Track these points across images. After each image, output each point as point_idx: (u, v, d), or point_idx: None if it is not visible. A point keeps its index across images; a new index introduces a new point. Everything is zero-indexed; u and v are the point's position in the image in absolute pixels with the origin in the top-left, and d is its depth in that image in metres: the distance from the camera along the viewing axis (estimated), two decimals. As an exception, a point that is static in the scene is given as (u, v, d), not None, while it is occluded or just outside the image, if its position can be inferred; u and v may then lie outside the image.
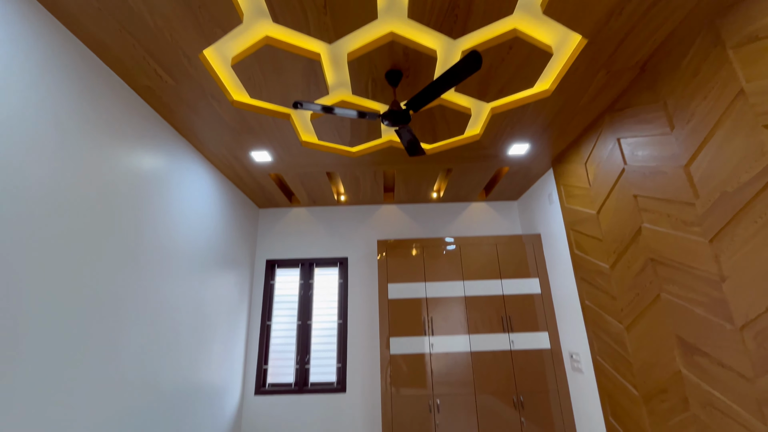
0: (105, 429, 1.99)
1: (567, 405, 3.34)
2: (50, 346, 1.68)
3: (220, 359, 3.40)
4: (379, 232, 4.50)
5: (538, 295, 3.68)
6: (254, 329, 4.13)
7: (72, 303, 1.80)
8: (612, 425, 2.73)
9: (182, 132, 2.78)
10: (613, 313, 2.68)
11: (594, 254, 2.90)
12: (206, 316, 3.17)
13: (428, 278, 3.77)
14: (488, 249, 3.85)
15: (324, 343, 4.14)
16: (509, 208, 4.59)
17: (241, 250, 3.99)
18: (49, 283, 1.68)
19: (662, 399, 2.24)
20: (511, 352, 3.51)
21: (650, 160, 2.25)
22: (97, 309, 1.95)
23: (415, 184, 4.01)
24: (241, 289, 3.96)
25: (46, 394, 1.65)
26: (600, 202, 2.80)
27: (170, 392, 2.60)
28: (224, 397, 3.46)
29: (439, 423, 3.34)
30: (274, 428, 3.79)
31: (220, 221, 3.48)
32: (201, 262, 3.10)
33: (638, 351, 2.44)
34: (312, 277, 4.36)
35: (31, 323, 1.59)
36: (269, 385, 4.00)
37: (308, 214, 4.58)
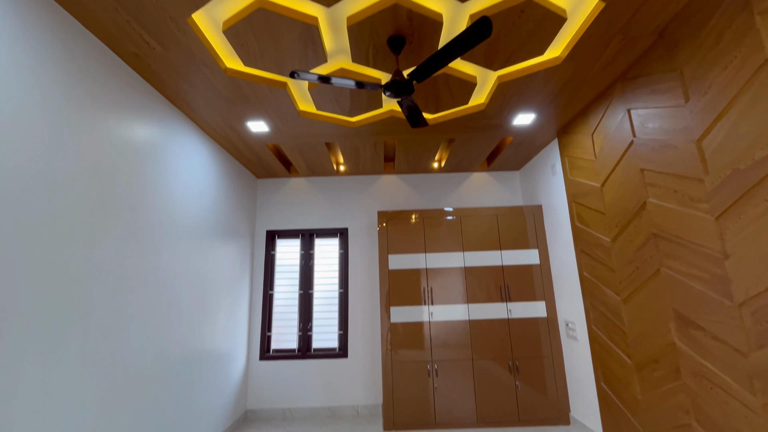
0: (116, 396, 2.06)
1: (560, 370, 3.48)
2: (52, 323, 1.70)
3: (224, 327, 3.48)
4: (379, 202, 4.46)
5: (537, 265, 3.73)
6: (257, 298, 4.20)
7: (73, 279, 1.80)
8: (603, 390, 2.86)
9: (175, 102, 2.66)
10: (612, 285, 2.71)
11: (595, 227, 2.89)
12: (209, 287, 3.21)
13: (428, 249, 3.79)
14: (488, 220, 3.85)
15: (325, 311, 4.24)
16: (511, 178, 4.53)
17: (240, 221, 3.97)
18: (47, 263, 1.67)
19: (654, 368, 2.32)
20: (508, 320, 3.60)
21: (661, 133, 2.18)
22: (100, 283, 1.96)
23: (416, 154, 3.92)
24: (242, 260, 3.99)
25: (53, 368, 1.69)
26: (605, 175, 2.75)
27: (178, 359, 2.68)
28: (230, 362, 3.58)
29: (437, 386, 3.49)
30: (279, 390, 3.96)
31: (218, 192, 3.42)
32: (201, 233, 3.09)
33: (634, 322, 2.49)
34: (312, 248, 4.38)
35: (33, 301, 1.59)
36: (273, 350, 4.13)
37: (307, 185, 4.52)
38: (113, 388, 2.04)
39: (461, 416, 3.43)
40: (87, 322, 1.87)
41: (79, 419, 1.80)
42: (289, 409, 3.92)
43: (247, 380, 3.98)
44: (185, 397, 2.76)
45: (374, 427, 3.54)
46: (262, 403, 3.94)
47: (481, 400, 3.45)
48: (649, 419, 2.38)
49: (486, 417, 3.42)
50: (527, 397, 3.44)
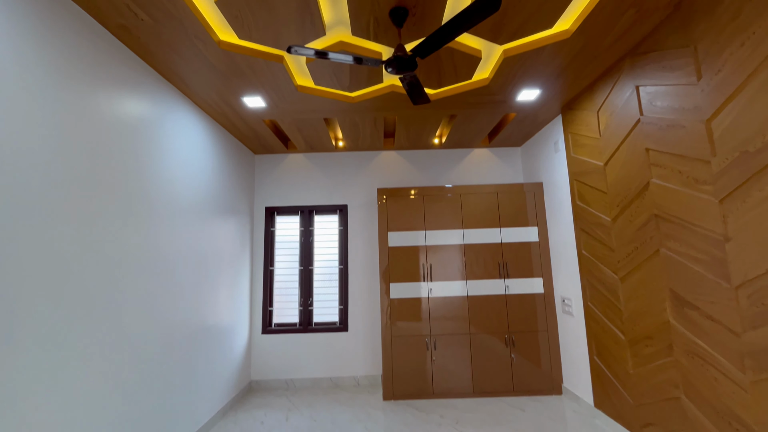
0: (123, 372, 2.11)
1: (555, 344, 3.59)
2: (54, 305, 1.71)
3: (226, 303, 3.54)
4: (378, 179, 4.42)
5: (536, 243, 3.75)
6: (258, 274, 4.24)
7: (70, 259, 1.79)
8: (596, 363, 2.96)
9: (168, 77, 2.56)
10: (610, 264, 2.74)
11: (596, 206, 2.89)
12: (209, 264, 3.22)
13: (428, 227, 3.80)
14: (488, 197, 3.83)
15: (326, 287, 4.29)
16: (512, 154, 4.47)
17: (239, 198, 3.93)
18: (40, 245, 1.65)
19: (647, 344, 2.39)
20: (505, 296, 3.67)
21: (669, 111, 2.13)
22: (97, 263, 1.95)
23: (417, 130, 3.84)
24: (242, 237, 3.99)
25: (56, 348, 1.72)
26: (609, 153, 2.71)
27: (183, 335, 2.73)
28: (233, 336, 3.67)
29: (435, 359, 3.60)
30: (282, 362, 4.09)
31: (215, 169, 3.37)
32: (200, 211, 3.06)
33: (630, 300, 2.54)
34: (312, 224, 4.38)
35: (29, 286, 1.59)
36: (275, 324, 4.22)
37: (306, 161, 4.45)
38: (120, 364, 2.08)
39: (458, 386, 3.56)
40: (89, 303, 1.88)
41: (86, 396, 1.86)
42: (291, 379, 4.05)
43: (250, 353, 4.09)
44: (192, 370, 2.84)
45: (374, 396, 3.68)
46: (266, 375, 4.07)
47: (478, 372, 3.58)
48: (639, 392, 2.47)
49: (482, 387, 3.56)
50: (522, 369, 3.57)
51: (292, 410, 3.42)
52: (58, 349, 1.69)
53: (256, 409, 3.48)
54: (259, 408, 3.50)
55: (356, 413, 3.29)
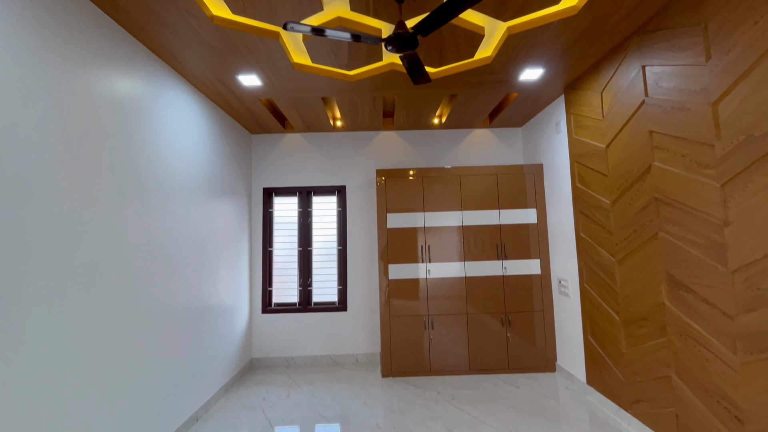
0: (123, 353, 2.15)
1: (550, 324, 3.66)
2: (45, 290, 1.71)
3: (226, 283, 3.56)
4: (377, 159, 4.37)
5: (534, 224, 3.76)
6: (257, 255, 4.25)
7: (62, 243, 1.78)
8: (590, 342, 3.03)
9: (160, 54, 2.47)
10: (607, 247, 2.76)
11: (596, 189, 2.87)
12: (208, 245, 3.22)
13: (427, 208, 3.79)
14: (488, 179, 3.80)
15: (325, 268, 4.32)
16: (513, 135, 4.41)
17: (236, 179, 3.89)
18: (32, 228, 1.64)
19: (641, 325, 2.44)
20: (503, 277, 3.71)
21: (675, 93, 2.08)
22: (93, 246, 1.95)
23: (417, 110, 3.77)
24: (240, 218, 3.97)
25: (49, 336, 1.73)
26: (611, 135, 2.67)
27: (183, 315, 2.76)
28: (233, 316, 3.71)
29: (432, 338, 3.67)
30: (282, 341, 4.16)
31: (211, 150, 3.31)
32: (197, 192, 3.04)
33: (626, 283, 2.57)
34: (310, 205, 4.36)
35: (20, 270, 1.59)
36: (275, 304, 4.27)
37: (303, 141, 4.38)
38: (120, 346, 2.11)
39: (455, 364, 3.65)
40: (83, 286, 1.88)
41: (85, 380, 1.89)
42: (292, 357, 4.14)
43: (251, 332, 4.16)
44: (193, 349, 2.89)
45: (373, 373, 3.78)
46: (267, 353, 4.16)
47: (474, 350, 3.66)
48: (631, 370, 2.54)
49: (478, 365, 3.65)
50: (517, 348, 3.65)
51: (293, 387, 3.51)
52: (51, 336, 1.70)
53: (257, 385, 3.57)
54: (260, 385, 3.59)
55: (355, 390, 3.38)
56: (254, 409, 3.08)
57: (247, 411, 3.04)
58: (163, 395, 2.49)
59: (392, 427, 2.70)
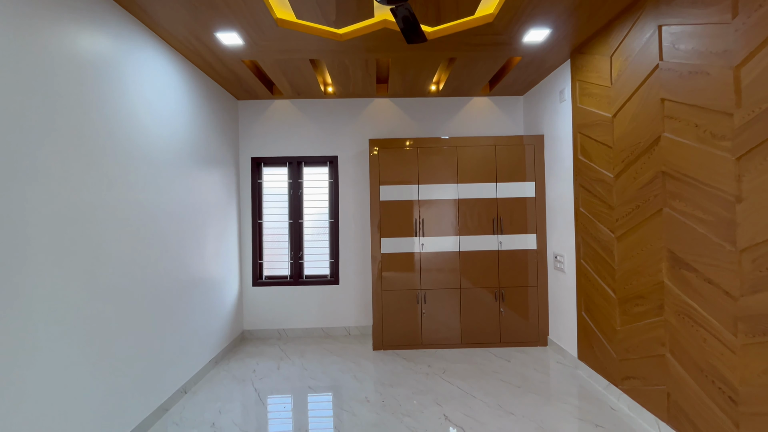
0: (108, 325, 2.07)
1: (544, 299, 3.62)
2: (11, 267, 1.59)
3: (214, 256, 3.47)
4: (370, 128, 4.17)
5: (532, 198, 3.64)
6: (246, 227, 4.14)
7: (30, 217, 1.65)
8: (583, 318, 2.99)
9: (129, 8, 2.22)
10: (607, 223, 2.65)
11: (599, 162, 2.73)
12: (194, 217, 3.10)
13: (422, 181, 3.64)
14: (486, 150, 3.64)
15: (316, 240, 4.23)
16: (514, 104, 4.19)
17: (222, 148, 3.70)
18: (-1, 201, 1.49)
19: (637, 303, 2.37)
20: (498, 251, 3.63)
21: (694, 56, 1.90)
22: (65, 218, 1.81)
23: (413, 76, 3.53)
24: (228, 189, 3.82)
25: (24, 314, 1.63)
26: (619, 104, 2.49)
27: (168, 288, 2.68)
28: (223, 288, 3.65)
29: (425, 312, 3.64)
30: (274, 313, 4.13)
31: (193, 116, 3.11)
32: (179, 161, 2.87)
33: (624, 260, 2.49)
34: (301, 176, 4.20)
35: None
36: (266, 277, 4.21)
37: (293, 108, 4.15)
38: (103, 319, 2.02)
39: (447, 337, 3.64)
40: (58, 260, 1.76)
41: (62, 357, 1.81)
42: (284, 329, 4.13)
43: (242, 304, 4.11)
44: (181, 321, 2.83)
45: (364, 346, 3.77)
46: (258, 325, 4.13)
47: (466, 324, 3.64)
48: (624, 347, 2.51)
49: (470, 338, 3.64)
50: (510, 322, 3.63)
51: (284, 359, 3.50)
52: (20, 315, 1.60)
53: (248, 357, 3.56)
54: (251, 357, 3.58)
55: (346, 363, 3.37)
56: (244, 381, 3.06)
57: (236, 383, 3.02)
58: (148, 369, 2.44)
59: (381, 401, 2.69)
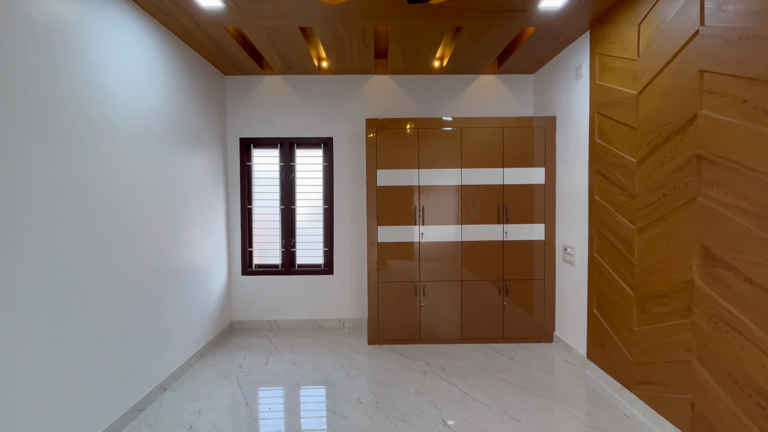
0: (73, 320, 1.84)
1: (551, 293, 3.39)
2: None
3: (199, 243, 3.23)
4: (368, 108, 3.87)
5: (541, 185, 3.37)
6: (234, 213, 3.88)
7: None
8: (594, 315, 2.77)
9: (81, -48, 1.92)
10: (627, 213, 2.40)
11: (620, 145, 2.46)
12: (175, 201, 2.84)
13: (422, 165, 3.37)
14: (493, 133, 3.35)
15: (310, 228, 3.98)
16: (523, 83, 3.88)
17: (208, 127, 3.42)
18: None
19: (659, 303, 2.14)
20: (503, 242, 3.39)
21: (744, 17, 1.61)
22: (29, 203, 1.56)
23: (414, 49, 3.22)
24: (214, 172, 3.56)
25: None
26: (647, 79, 2.21)
27: (145, 276, 2.45)
28: (209, 277, 3.42)
29: (424, 305, 3.42)
30: (264, 304, 3.92)
31: (174, 91, 2.83)
32: (156, 141, 2.61)
33: (645, 254, 2.24)
34: (293, 159, 3.92)
35: None
36: (256, 266, 3.98)
37: (284, 85, 3.84)
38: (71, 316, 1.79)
39: (446, 332, 3.44)
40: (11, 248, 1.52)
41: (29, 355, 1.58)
42: (274, 320, 3.92)
43: (231, 294, 3.90)
44: (160, 313, 2.62)
45: (359, 340, 3.57)
46: (248, 315, 3.93)
47: (468, 318, 3.43)
48: (641, 349, 2.29)
49: (471, 333, 3.43)
50: (514, 317, 3.42)
51: (273, 353, 3.30)
52: None
53: (236, 351, 3.36)
54: (239, 350, 3.37)
55: (339, 358, 3.17)
56: (229, 377, 2.86)
57: (221, 380, 2.82)
58: (124, 364, 2.23)
59: (374, 402, 2.49)
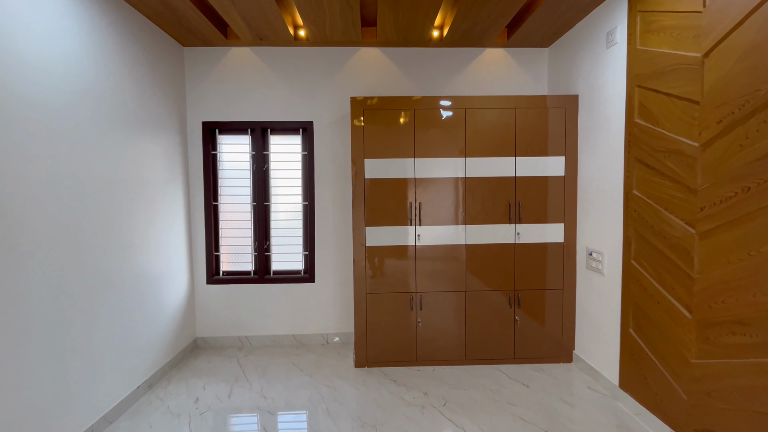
0: None
1: (570, 305, 2.87)
2: None
3: (149, 246, 2.65)
4: (354, 87, 3.29)
5: (560, 178, 2.84)
6: (197, 211, 3.28)
7: None
8: (631, 337, 2.26)
9: None
10: (683, 212, 1.87)
11: (673, 125, 1.93)
12: (115, 196, 2.28)
13: (419, 153, 2.81)
14: (504, 116, 2.80)
15: (287, 228, 3.41)
16: (536, 59, 3.33)
17: (162, 108, 2.82)
18: None
19: (733, 331, 1.62)
20: (514, 245, 2.85)
21: None
22: None
23: (408, 15, 2.64)
24: (171, 161, 2.95)
25: None
26: (717, 35, 1.67)
27: (67, 292, 1.88)
28: (164, 287, 2.84)
29: (421, 321, 2.88)
30: (234, 317, 3.34)
31: (114, 63, 2.26)
32: (91, 123, 2.08)
33: (713, 266, 1.72)
34: (267, 147, 3.32)
35: None
36: (224, 273, 3.39)
37: (254, 58, 3.24)
38: None
39: (447, 352, 2.90)
40: None
41: None
42: (246, 337, 3.35)
43: (193, 306, 3.31)
44: (93, 337, 2.05)
45: (344, 360, 3.02)
46: (215, 331, 3.35)
47: (473, 335, 2.90)
48: (701, 389, 1.78)
49: (476, 353, 2.91)
50: (526, 333, 2.90)
51: (240, 380, 2.73)
52: None
53: (195, 377, 2.79)
54: (199, 376, 2.80)
55: (318, 387, 2.61)
56: (180, 417, 2.29)
57: (168, 421, 2.25)
58: (39, 406, 1.66)
59: (361, 455, 1.95)
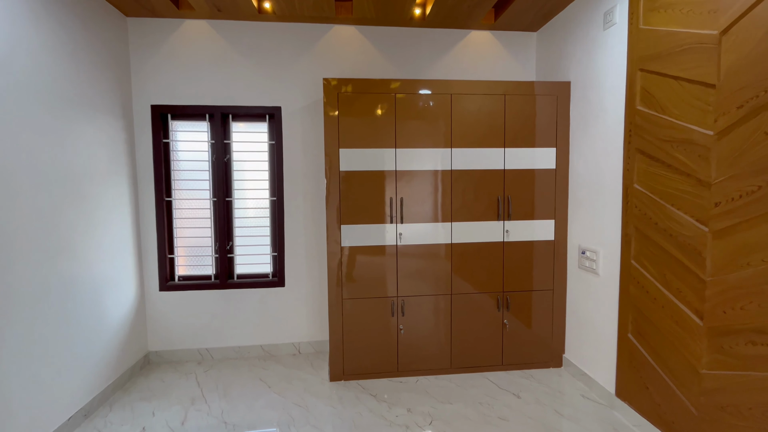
0: None
1: (560, 307, 2.71)
2: None
3: (89, 247, 2.26)
4: (327, 68, 2.96)
5: (551, 171, 2.65)
6: (147, 208, 2.87)
7: None
8: (630, 343, 2.09)
9: None
10: (693, 208, 1.70)
11: (683, 111, 1.75)
12: (41, 191, 1.86)
13: (400, 143, 2.54)
14: (492, 102, 2.57)
15: (253, 227, 3.05)
16: (524, 43, 3.12)
17: (101, 88, 2.39)
18: None
19: (753, 341, 1.46)
20: (503, 243, 2.65)
21: None
22: None
23: (389, -18, 2.35)
24: (113, 150, 2.53)
25: None
26: (738, 11, 1.49)
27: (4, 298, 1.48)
28: (108, 296, 2.44)
29: (403, 328, 2.63)
30: (193, 328, 2.96)
31: (40, 34, 1.83)
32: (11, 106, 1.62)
33: (727, 268, 1.55)
34: (228, 136, 2.94)
35: None
36: (180, 278, 3.00)
37: (213, 33, 2.84)
38: None
39: (432, 361, 2.67)
40: None
41: None
42: (207, 349, 2.98)
43: (144, 317, 2.90)
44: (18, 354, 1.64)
45: (319, 373, 2.73)
46: (170, 344, 2.96)
47: (459, 342, 2.68)
48: (713, 402, 1.62)
49: (463, 361, 2.69)
50: (515, 338, 2.71)
51: (197, 401, 2.38)
52: None
53: (143, 401, 2.41)
54: (149, 399, 2.42)
55: (288, 407, 2.31)
56: (120, 453, 1.94)
57: (105, 459, 1.89)
58: None
59: (337, 493, 1.67)
